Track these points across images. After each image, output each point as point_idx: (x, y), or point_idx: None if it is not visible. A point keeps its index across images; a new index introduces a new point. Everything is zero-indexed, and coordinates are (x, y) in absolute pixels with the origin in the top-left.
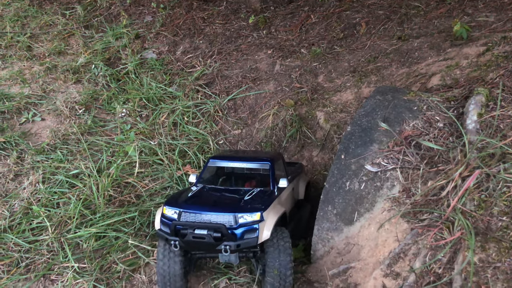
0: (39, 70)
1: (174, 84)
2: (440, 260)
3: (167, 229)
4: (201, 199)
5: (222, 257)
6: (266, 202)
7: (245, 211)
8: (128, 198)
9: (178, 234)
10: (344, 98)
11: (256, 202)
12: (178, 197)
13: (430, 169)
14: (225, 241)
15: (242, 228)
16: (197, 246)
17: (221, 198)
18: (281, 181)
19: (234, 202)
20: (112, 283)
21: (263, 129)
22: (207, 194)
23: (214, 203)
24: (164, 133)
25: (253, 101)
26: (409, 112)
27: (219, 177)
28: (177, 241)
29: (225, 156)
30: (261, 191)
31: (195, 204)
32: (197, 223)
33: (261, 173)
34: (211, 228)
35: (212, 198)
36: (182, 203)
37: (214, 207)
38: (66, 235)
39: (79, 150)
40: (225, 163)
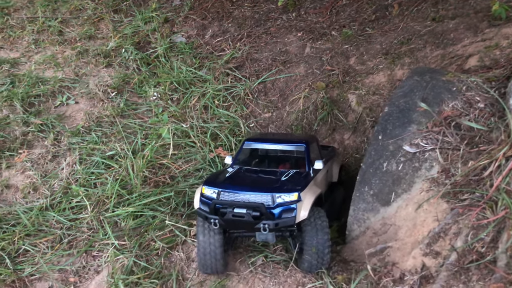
0: (71, 54)
1: (204, 68)
2: (483, 239)
3: (207, 208)
4: (239, 180)
5: (259, 236)
6: (303, 183)
7: (282, 191)
8: (162, 179)
9: (217, 213)
10: (376, 80)
11: (293, 183)
12: (216, 177)
13: (470, 149)
14: (264, 220)
15: (280, 208)
16: (236, 224)
17: (258, 179)
18: (316, 163)
19: (272, 183)
20: (151, 259)
21: (294, 112)
22: (244, 175)
23: (251, 183)
24: (196, 116)
25: (283, 84)
26: (448, 93)
27: (254, 158)
28: (217, 219)
29: (261, 138)
30: (297, 173)
31: (233, 184)
32: (236, 202)
33: (295, 155)
34: (250, 207)
35: (249, 179)
36: (221, 183)
37: (252, 187)
38: (105, 214)
39: (113, 132)
40: (261, 145)
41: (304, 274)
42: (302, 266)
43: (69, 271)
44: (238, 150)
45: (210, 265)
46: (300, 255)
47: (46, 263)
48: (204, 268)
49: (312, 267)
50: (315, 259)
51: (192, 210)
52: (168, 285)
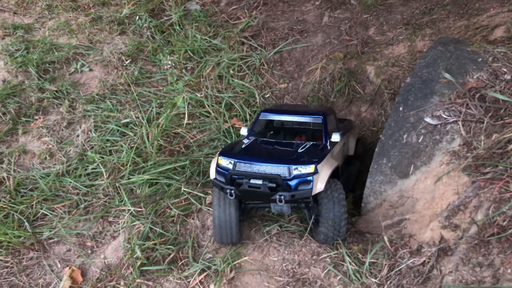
0: (85, 21)
1: (219, 36)
2: (504, 213)
3: (223, 179)
4: (255, 151)
5: (274, 207)
6: (320, 155)
7: (299, 163)
8: (177, 148)
9: (233, 183)
10: (396, 51)
11: (310, 155)
12: (232, 148)
13: (495, 122)
14: (280, 192)
15: (297, 180)
16: (252, 195)
17: (275, 150)
18: (334, 135)
19: (288, 154)
20: (166, 226)
21: (310, 83)
22: (260, 146)
23: (268, 154)
24: (210, 85)
25: (300, 54)
26: (473, 63)
27: (270, 130)
28: (233, 189)
29: (277, 110)
30: (313, 145)
31: (249, 155)
32: (252, 173)
33: (312, 127)
34: (266, 178)
35: (265, 150)
36: (237, 154)
37: (269, 158)
38: (120, 181)
39: (128, 100)
40: (277, 116)
41: (319, 245)
42: (318, 238)
43: (86, 235)
44: (253, 121)
45: (226, 235)
46: (316, 227)
47: (63, 227)
48: (220, 239)
49: (328, 239)
50: (331, 231)
51: (207, 179)
52: (184, 251)
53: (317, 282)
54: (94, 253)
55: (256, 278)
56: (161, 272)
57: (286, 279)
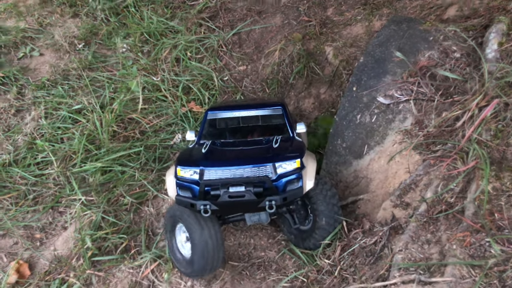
0: (34, 2)
1: (176, 18)
2: (452, 190)
3: (189, 193)
4: (221, 154)
5: (250, 218)
6: (298, 148)
7: (281, 159)
8: (132, 133)
9: (206, 197)
10: (354, 32)
11: (288, 150)
12: (189, 155)
13: (445, 100)
14: (268, 196)
15: (283, 179)
16: (233, 207)
17: (245, 150)
18: (299, 126)
19: (264, 152)
20: (120, 215)
21: (270, 65)
22: (224, 148)
23: (239, 156)
24: (167, 69)
25: (259, 35)
26: (424, 42)
27: (224, 130)
28: (208, 205)
29: (227, 106)
30: (283, 139)
31: (218, 160)
32: (231, 180)
33: (273, 120)
34: (249, 183)
35: (233, 152)
36: (201, 160)
37: (243, 159)
38: (72, 169)
39: (81, 85)
40: (230, 113)
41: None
42: (309, 243)
43: (35, 227)
44: (201, 123)
45: (211, 264)
46: (303, 232)
47: (10, 219)
48: (201, 270)
49: (324, 237)
50: (327, 232)
51: (163, 165)
52: (138, 240)
53: (272, 266)
54: (43, 245)
55: None
56: (113, 262)
57: (242, 264)
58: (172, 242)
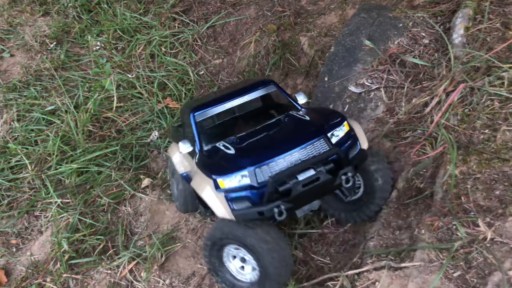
0: (3, 2)
1: (150, 13)
2: (422, 175)
3: (246, 203)
4: (254, 147)
5: (302, 208)
6: (331, 113)
7: (330, 128)
8: (108, 133)
9: (271, 198)
10: (328, 21)
11: (322, 117)
12: (218, 163)
13: (414, 86)
14: (341, 170)
15: (343, 146)
16: (307, 196)
17: (276, 135)
18: (299, 97)
19: (301, 128)
20: (97, 216)
21: (245, 57)
22: (249, 141)
23: (277, 142)
24: (142, 65)
25: (234, 27)
26: (394, 29)
27: (225, 126)
28: (281, 205)
29: (212, 100)
30: (301, 111)
31: (258, 154)
32: (295, 167)
33: (271, 100)
34: (318, 163)
35: (264, 141)
36: (240, 161)
37: (286, 143)
38: (47, 172)
39: (54, 86)
40: (220, 107)
41: None
42: (370, 211)
43: (10, 233)
44: (193, 129)
45: (286, 277)
46: (361, 201)
47: None
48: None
49: (386, 198)
50: (389, 186)
51: (140, 163)
52: (115, 240)
53: None
54: (19, 251)
55: (189, 261)
56: (91, 264)
57: None
58: (224, 275)
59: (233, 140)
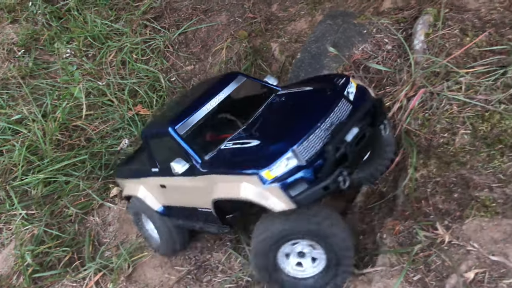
0: None
1: (121, 20)
2: (386, 179)
3: (304, 185)
4: (280, 129)
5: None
6: (326, 76)
7: (342, 88)
8: (77, 141)
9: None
10: (298, 27)
11: (327, 82)
12: (247, 159)
13: (378, 92)
14: (378, 118)
15: (362, 100)
16: (360, 154)
17: (290, 112)
18: (269, 80)
19: (315, 97)
20: (64, 227)
21: (217, 63)
22: (264, 128)
23: (301, 115)
24: (113, 72)
25: (205, 34)
26: (358, 36)
27: (217, 129)
28: (344, 170)
29: (187, 109)
30: (287, 88)
31: (292, 132)
32: (341, 130)
33: (247, 89)
34: (357, 119)
35: (282, 122)
36: (277, 144)
37: (313, 114)
38: (12, 183)
39: (21, 94)
40: (201, 113)
41: None
42: (383, 162)
43: None
44: (181, 144)
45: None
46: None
47: None
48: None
49: (395, 152)
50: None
51: (109, 172)
52: (82, 251)
53: (219, 267)
54: None
55: (157, 271)
56: (56, 277)
57: (188, 268)
58: (282, 280)
59: (242, 134)
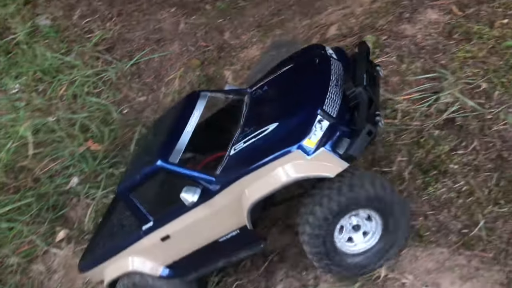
0: None
1: (72, 52)
2: None
3: (346, 135)
4: (287, 101)
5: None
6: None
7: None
8: (24, 182)
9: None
10: (250, 54)
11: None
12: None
13: None
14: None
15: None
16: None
17: (283, 90)
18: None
19: (302, 70)
20: (4, 279)
21: (170, 93)
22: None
23: (300, 85)
24: (64, 107)
25: (158, 64)
26: None
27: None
28: (376, 113)
29: (169, 138)
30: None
31: (309, 96)
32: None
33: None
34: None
35: (281, 100)
36: (302, 113)
37: (313, 79)
38: None
39: None
40: (184, 138)
41: None
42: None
43: None
44: (182, 172)
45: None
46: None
47: None
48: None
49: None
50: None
51: (57, 213)
52: None
53: None
54: None
55: None
56: None
57: None
58: (341, 260)
59: (247, 132)
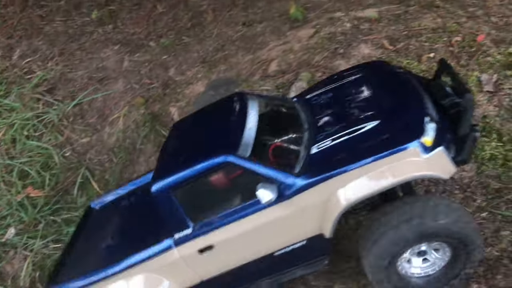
0: None
1: (11, 94)
2: None
3: (450, 132)
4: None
5: None
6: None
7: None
8: None
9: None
10: (196, 90)
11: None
12: (383, 139)
13: None
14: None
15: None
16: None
17: (363, 96)
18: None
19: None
20: None
21: (115, 133)
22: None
23: (388, 91)
24: (1, 153)
25: (102, 103)
26: None
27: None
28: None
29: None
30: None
31: (410, 98)
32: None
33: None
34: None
35: (366, 103)
36: (407, 114)
37: (398, 86)
38: None
39: None
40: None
41: None
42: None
43: None
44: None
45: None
46: None
47: None
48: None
49: None
50: None
51: None
52: None
53: None
54: None
55: None
56: None
57: None
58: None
59: (328, 131)
